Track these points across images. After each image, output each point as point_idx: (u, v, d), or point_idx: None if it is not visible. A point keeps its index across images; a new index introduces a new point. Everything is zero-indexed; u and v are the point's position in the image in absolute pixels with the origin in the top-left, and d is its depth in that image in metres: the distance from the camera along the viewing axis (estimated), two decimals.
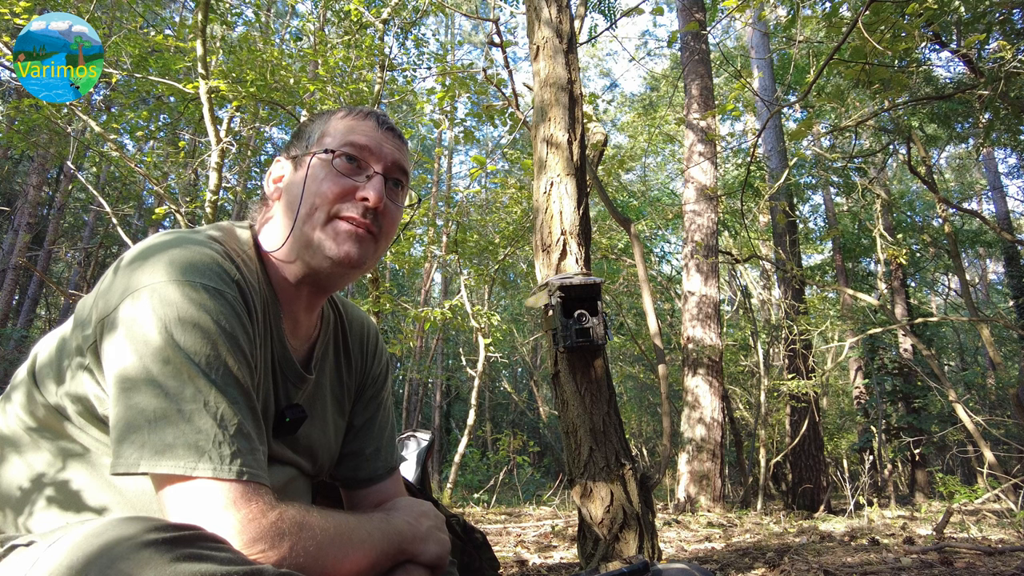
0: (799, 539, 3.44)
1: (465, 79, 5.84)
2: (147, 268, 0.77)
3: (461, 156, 23.48)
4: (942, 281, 17.88)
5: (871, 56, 3.54)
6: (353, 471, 1.10)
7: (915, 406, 10.63)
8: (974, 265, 23.20)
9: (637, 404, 16.62)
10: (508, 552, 3.07)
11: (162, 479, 0.71)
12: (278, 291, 0.96)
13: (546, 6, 2.52)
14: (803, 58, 8.27)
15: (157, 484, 0.72)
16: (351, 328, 1.14)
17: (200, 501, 0.70)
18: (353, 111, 1.01)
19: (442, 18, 18.14)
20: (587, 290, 2.06)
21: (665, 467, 2.59)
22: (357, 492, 1.10)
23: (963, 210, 8.71)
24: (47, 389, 0.84)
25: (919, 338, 8.40)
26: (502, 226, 8.36)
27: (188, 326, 0.74)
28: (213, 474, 0.70)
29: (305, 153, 0.98)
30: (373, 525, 0.88)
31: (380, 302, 5.91)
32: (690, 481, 6.32)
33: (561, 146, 2.34)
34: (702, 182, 7.26)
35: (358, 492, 1.10)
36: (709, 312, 6.89)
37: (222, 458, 0.71)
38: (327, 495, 1.13)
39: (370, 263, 0.97)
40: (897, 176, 17.99)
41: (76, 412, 0.83)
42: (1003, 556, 2.52)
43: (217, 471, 0.70)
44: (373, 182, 0.95)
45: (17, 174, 15.01)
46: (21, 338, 11.80)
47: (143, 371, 0.72)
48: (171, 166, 8.07)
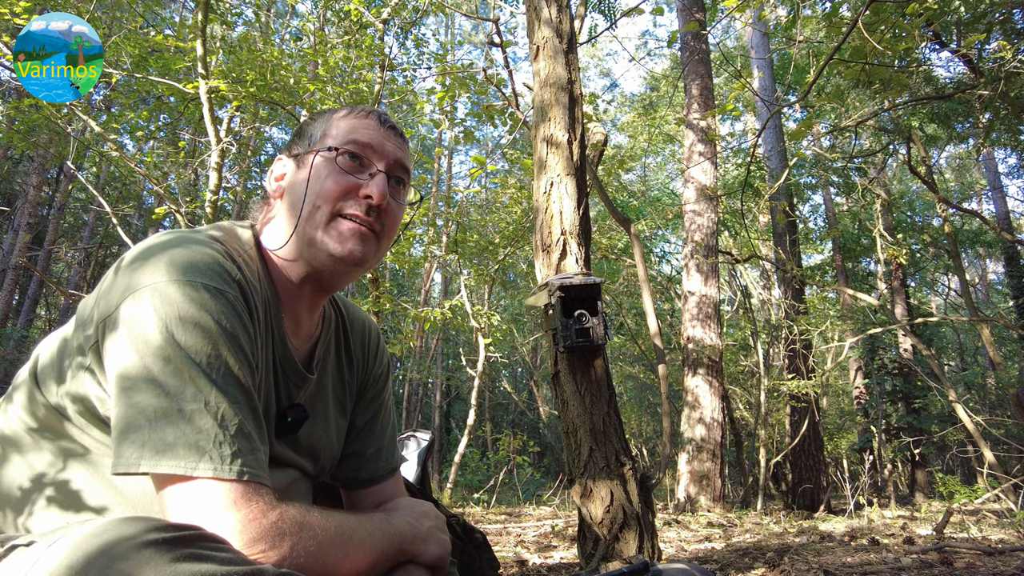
0: (799, 539, 3.44)
1: (465, 79, 5.84)
2: (148, 268, 0.77)
3: (461, 156, 23.49)
4: (942, 281, 17.88)
5: (871, 56, 3.54)
6: (354, 471, 1.10)
7: (915, 406, 10.63)
8: (974, 265, 23.20)
9: (637, 404, 16.62)
10: (508, 552, 3.07)
11: (162, 479, 0.71)
12: (280, 290, 0.96)
13: (546, 6, 2.52)
14: (803, 58, 8.27)
15: (158, 484, 0.72)
16: (352, 328, 1.14)
17: (200, 501, 0.70)
18: (354, 110, 1.01)
19: (442, 18, 18.15)
20: (587, 290, 2.06)
21: (665, 467, 2.59)
22: (358, 492, 1.10)
23: (963, 210, 8.71)
24: (48, 389, 0.84)
25: (919, 338, 8.40)
26: (502, 226, 8.36)
27: (189, 325, 0.74)
28: (214, 474, 0.70)
29: (307, 151, 0.97)
30: (374, 525, 0.88)
31: (380, 302, 5.91)
32: (690, 481, 6.32)
33: (561, 146, 2.34)
34: (702, 182, 7.26)
35: (359, 492, 1.10)
36: (709, 312, 6.90)
37: (223, 458, 0.71)
38: (327, 495, 1.13)
39: (373, 261, 0.97)
40: (897, 176, 17.99)
41: (77, 412, 0.83)
42: (1003, 556, 2.52)
43: (218, 471, 0.70)
44: (376, 180, 0.95)
45: (17, 174, 15.01)
46: (21, 338, 11.80)
47: (144, 370, 0.72)
48: (171, 166, 8.07)
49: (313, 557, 0.74)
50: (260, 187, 11.19)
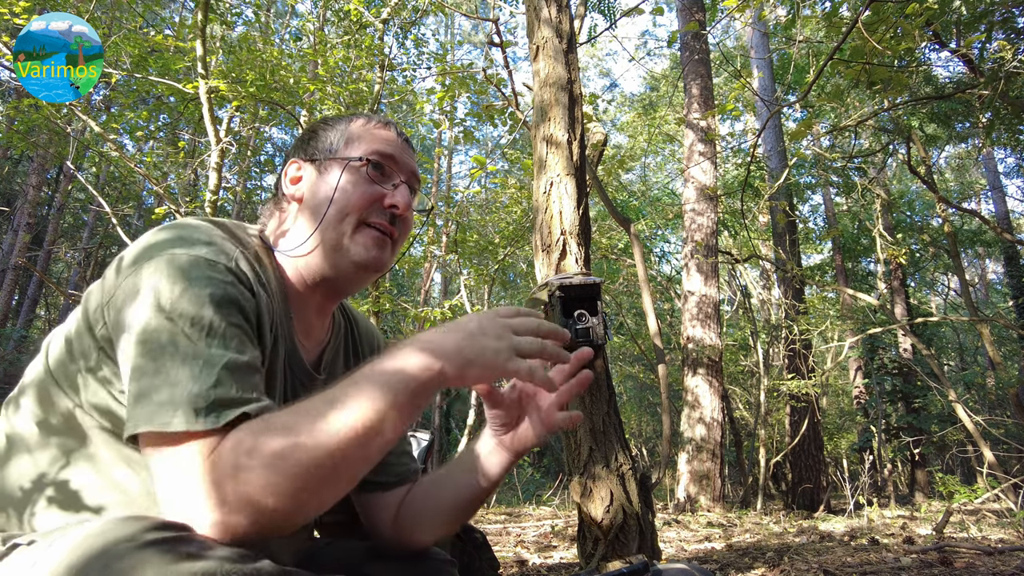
0: (799, 539, 3.44)
1: (465, 79, 5.84)
2: (149, 259, 0.78)
3: (461, 156, 23.49)
4: (942, 281, 17.88)
5: (871, 56, 3.54)
6: (372, 474, 1.05)
7: (915, 406, 10.63)
8: (974, 265, 23.21)
9: (637, 404, 16.62)
10: (508, 552, 3.07)
11: (144, 440, 0.71)
12: (289, 292, 0.97)
13: (546, 6, 2.52)
14: (803, 58, 8.27)
15: (142, 445, 0.72)
16: (361, 336, 1.15)
17: (173, 456, 0.68)
18: (372, 120, 1.04)
19: (442, 18, 18.14)
20: (587, 290, 2.06)
21: (665, 467, 2.59)
22: (368, 496, 1.07)
23: (963, 210, 8.71)
24: (60, 385, 0.84)
25: (919, 338, 8.40)
26: (502, 226, 8.35)
27: (181, 293, 0.74)
28: (186, 427, 0.68)
29: (329, 158, 0.99)
30: (364, 383, 0.71)
31: (380, 302, 5.91)
32: (690, 481, 6.32)
33: (561, 146, 2.34)
34: (702, 182, 7.26)
35: (368, 496, 1.07)
36: (709, 312, 6.90)
37: (196, 411, 0.68)
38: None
39: (387, 267, 1.00)
40: (897, 176, 17.98)
41: (87, 407, 0.83)
42: (1003, 556, 2.52)
43: (190, 424, 0.68)
44: (400, 190, 0.99)
45: (17, 174, 15.01)
46: (21, 338, 11.80)
47: (143, 352, 0.72)
48: (171, 166, 8.08)
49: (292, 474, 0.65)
50: (260, 187, 11.19)
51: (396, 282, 17.15)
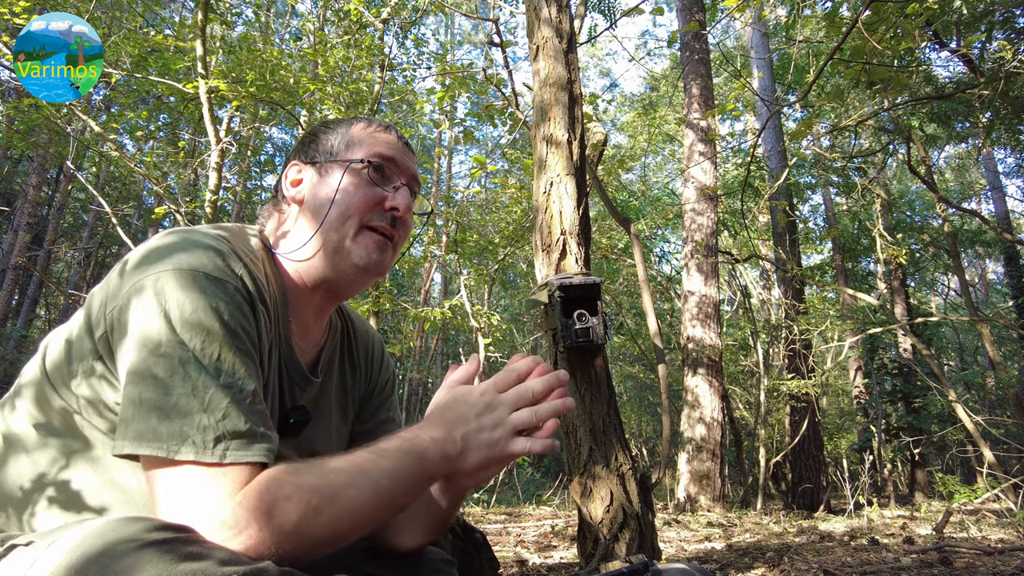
0: (799, 539, 3.44)
1: (465, 79, 5.84)
2: (153, 266, 0.78)
3: (461, 156, 23.51)
4: (942, 281, 17.87)
5: (871, 56, 3.54)
6: None
7: (915, 406, 10.63)
8: (974, 265, 23.19)
9: (637, 404, 16.62)
10: (508, 552, 3.07)
11: (149, 462, 0.72)
12: (288, 294, 0.97)
13: (546, 6, 2.52)
14: (803, 58, 8.27)
15: (145, 467, 0.73)
16: (357, 338, 1.15)
17: (181, 484, 0.70)
18: (373, 123, 1.04)
19: (442, 18, 18.16)
20: (587, 290, 2.06)
21: (665, 467, 2.59)
22: None
23: (963, 210, 8.71)
24: (56, 387, 0.84)
25: (919, 338, 8.40)
26: (502, 226, 8.35)
27: (186, 315, 0.75)
28: (195, 457, 0.70)
29: (331, 161, 0.99)
30: (385, 462, 0.78)
31: (380, 302, 5.91)
32: (690, 481, 6.32)
33: (561, 146, 2.34)
34: (702, 182, 7.26)
35: None
36: (709, 312, 6.90)
37: (205, 443, 0.71)
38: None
39: (387, 270, 1.01)
40: (897, 176, 17.98)
41: (84, 410, 0.83)
42: (1003, 556, 2.52)
43: (199, 455, 0.70)
44: (401, 192, 1.00)
45: (17, 174, 15.00)
46: (21, 338, 11.80)
47: (143, 364, 0.73)
48: (171, 166, 8.07)
49: (311, 523, 0.70)
50: (260, 187, 11.18)
51: (396, 282, 17.14)
